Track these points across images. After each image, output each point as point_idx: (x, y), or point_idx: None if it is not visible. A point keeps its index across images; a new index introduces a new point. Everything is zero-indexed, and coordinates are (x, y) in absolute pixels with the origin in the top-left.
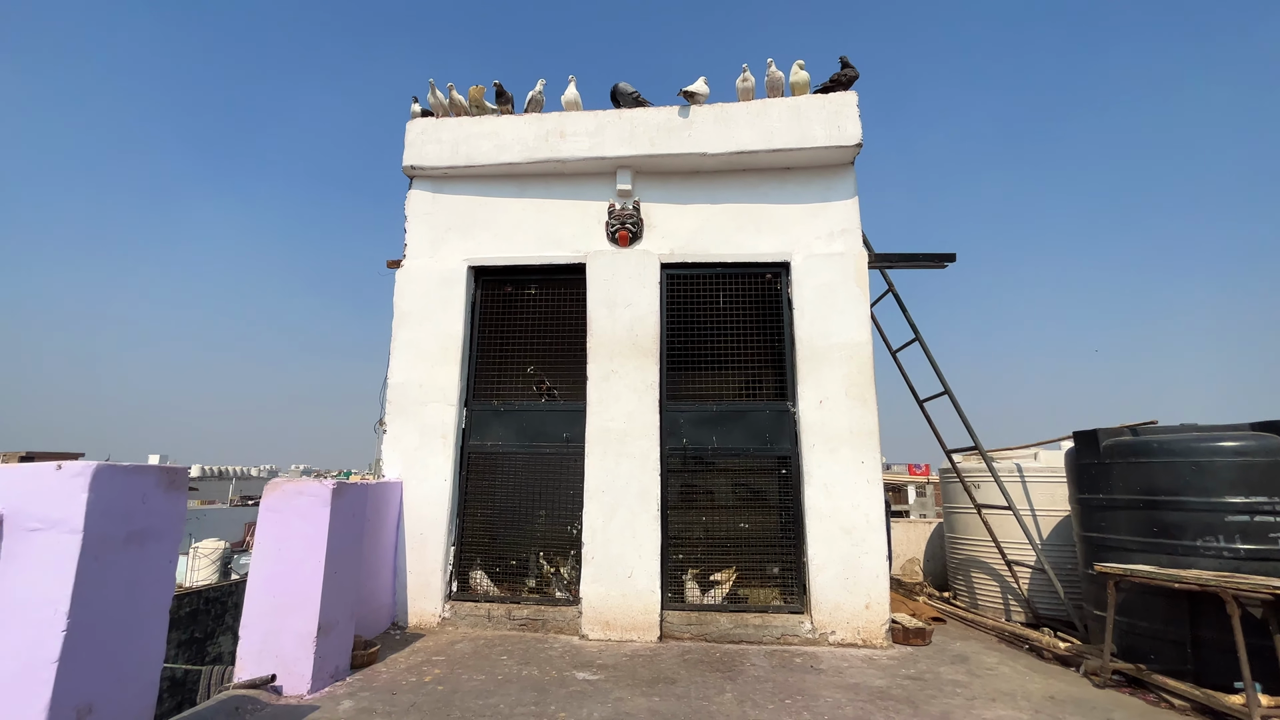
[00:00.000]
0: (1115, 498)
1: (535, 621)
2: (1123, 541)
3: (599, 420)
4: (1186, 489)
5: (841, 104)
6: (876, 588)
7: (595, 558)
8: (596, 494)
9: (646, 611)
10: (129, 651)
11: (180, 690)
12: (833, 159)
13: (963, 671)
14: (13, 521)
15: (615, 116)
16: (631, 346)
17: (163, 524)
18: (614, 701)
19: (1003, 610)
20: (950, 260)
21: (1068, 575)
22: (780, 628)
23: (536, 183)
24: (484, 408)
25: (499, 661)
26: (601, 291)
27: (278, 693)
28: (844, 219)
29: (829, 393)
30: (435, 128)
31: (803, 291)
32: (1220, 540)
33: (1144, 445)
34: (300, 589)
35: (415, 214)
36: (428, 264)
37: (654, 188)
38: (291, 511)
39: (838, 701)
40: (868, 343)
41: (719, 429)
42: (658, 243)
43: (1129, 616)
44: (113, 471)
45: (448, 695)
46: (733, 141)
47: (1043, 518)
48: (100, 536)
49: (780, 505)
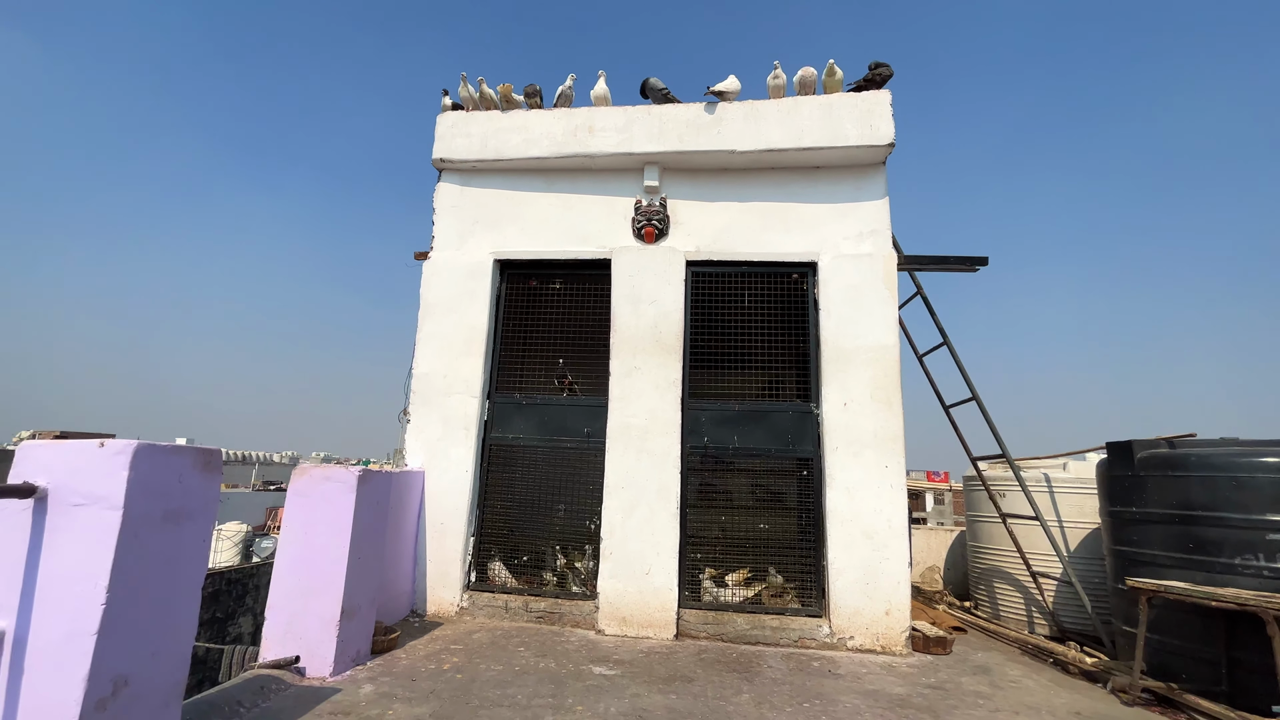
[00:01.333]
0: (1149, 511)
1: (552, 614)
2: (1155, 557)
3: (620, 416)
4: (1225, 505)
5: (875, 103)
6: (897, 594)
7: (613, 553)
8: (616, 490)
9: (663, 609)
10: (164, 627)
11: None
12: (864, 158)
13: (985, 683)
14: (57, 496)
15: (644, 112)
16: (655, 343)
17: (198, 504)
18: (630, 697)
19: (1026, 622)
20: (982, 264)
21: (1095, 589)
22: (798, 631)
23: (564, 178)
24: (506, 400)
25: (516, 652)
26: (626, 287)
27: (301, 674)
28: (874, 219)
29: (854, 395)
30: (465, 121)
31: (829, 292)
32: (1260, 559)
33: (1181, 459)
34: (325, 573)
35: (443, 207)
36: (454, 256)
37: (681, 185)
38: (318, 496)
39: (856, 707)
40: (895, 345)
41: (740, 429)
42: (684, 240)
43: (1160, 633)
44: (152, 451)
45: (466, 684)
46: (762, 139)
47: (1070, 529)
48: (139, 514)
49: (801, 507)
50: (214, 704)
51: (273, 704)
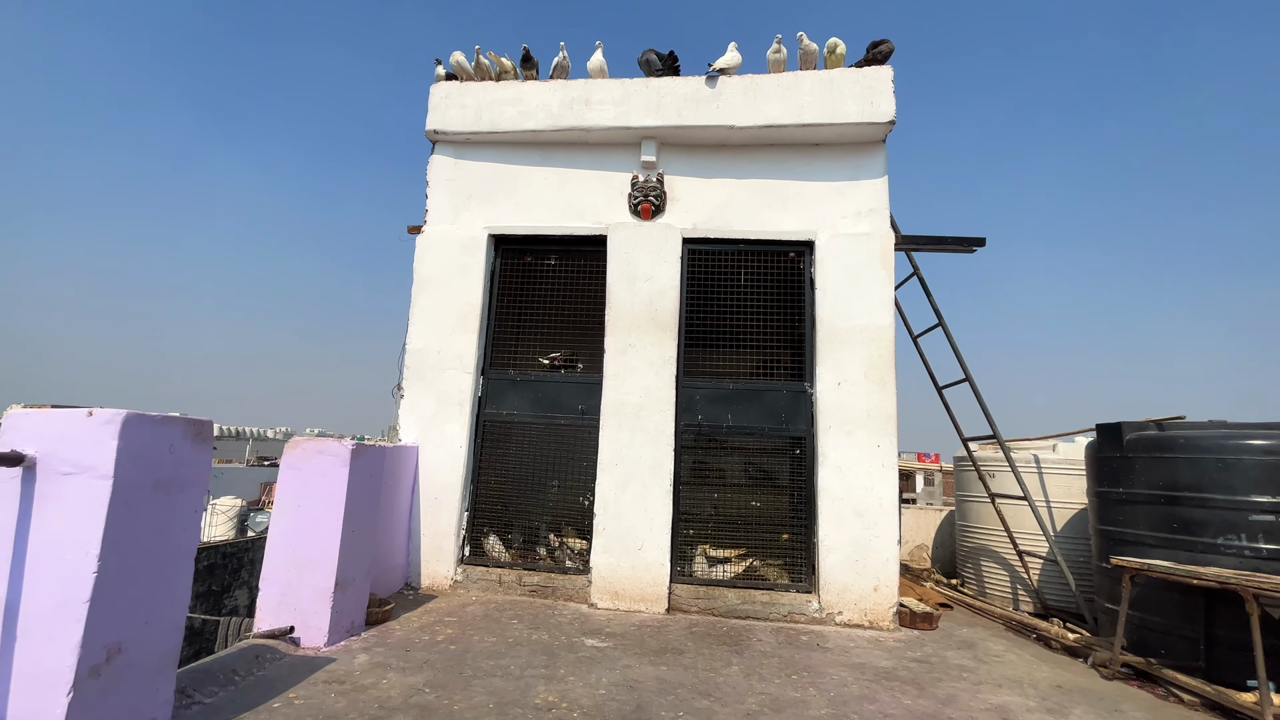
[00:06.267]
0: (1135, 492)
1: (545, 588)
2: (1140, 536)
3: (615, 394)
4: (1211, 486)
5: (876, 79)
6: (886, 571)
7: (606, 529)
8: (610, 466)
9: (655, 583)
10: (157, 595)
11: (199, 639)
12: (864, 136)
13: (969, 657)
14: (45, 464)
15: (642, 85)
16: (650, 321)
17: (189, 474)
18: (622, 669)
19: (1011, 600)
20: (979, 244)
21: (1080, 568)
22: (787, 606)
23: (560, 151)
24: (500, 377)
25: (509, 625)
26: (622, 264)
27: (295, 644)
28: (872, 198)
29: (848, 375)
30: (459, 92)
31: (826, 271)
32: (1242, 539)
33: (1169, 440)
34: (319, 545)
35: (437, 180)
36: (448, 230)
37: (679, 160)
38: (312, 470)
39: (844, 679)
40: (890, 326)
41: (734, 407)
42: (680, 217)
43: (1141, 611)
44: (141, 420)
45: (459, 654)
46: (761, 115)
47: (1057, 510)
48: (129, 483)
49: (793, 485)
50: (209, 672)
51: (267, 672)
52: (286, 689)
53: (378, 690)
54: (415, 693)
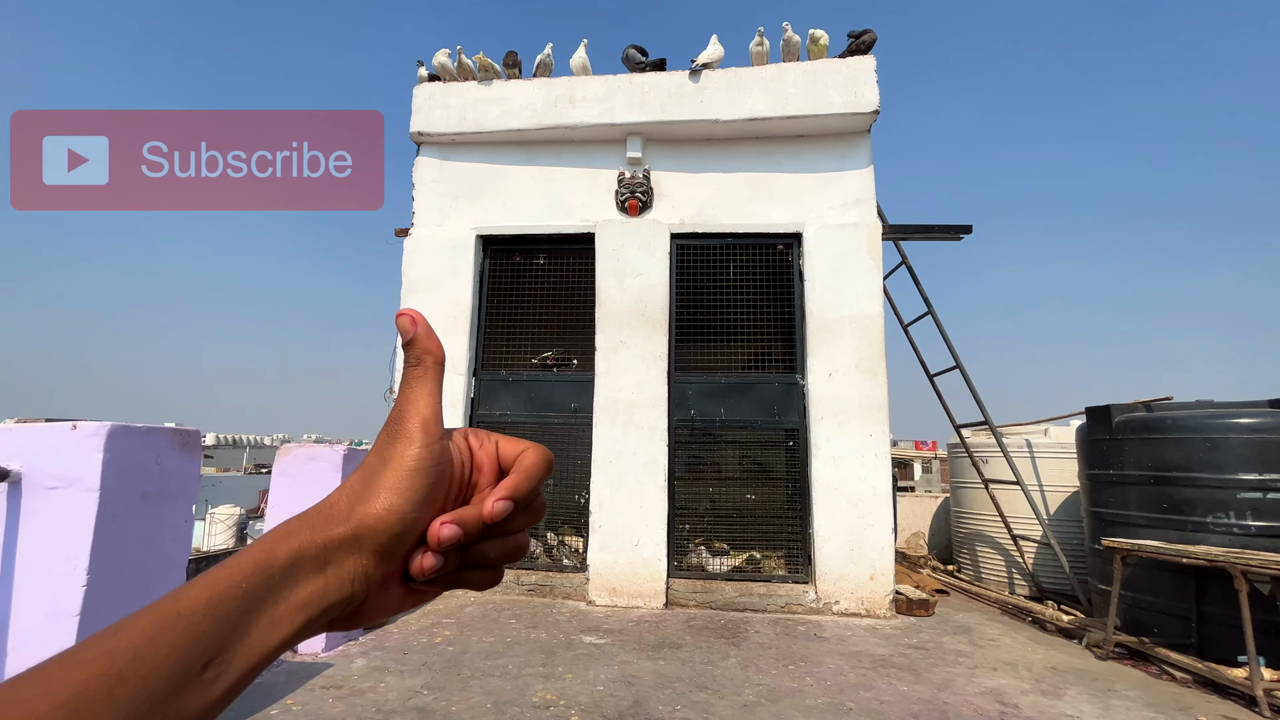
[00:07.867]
0: (1126, 473)
1: (543, 587)
2: (1131, 517)
3: (607, 391)
4: (1199, 465)
5: (859, 69)
6: (881, 559)
7: (603, 526)
8: (604, 464)
9: (652, 579)
10: None
11: None
12: (848, 126)
13: (965, 642)
14: (31, 479)
15: (626, 81)
16: (640, 317)
17: (177, 484)
18: (620, 664)
19: (1006, 584)
20: (966, 232)
21: (1073, 550)
22: (784, 597)
23: (545, 150)
24: (493, 377)
25: (508, 624)
26: (610, 261)
27: (293, 650)
28: (858, 189)
29: (839, 365)
30: (442, 93)
31: (814, 263)
32: (1231, 517)
33: (1158, 421)
34: None
35: (423, 182)
36: (435, 233)
37: (665, 156)
38: (304, 476)
39: (840, 668)
40: (879, 315)
41: (727, 401)
42: (668, 212)
43: (1134, 591)
44: (126, 432)
45: (458, 656)
46: (746, 108)
47: (1050, 493)
48: (116, 495)
49: (787, 477)
50: None
51: (265, 679)
52: (284, 695)
53: (375, 694)
54: (413, 695)
